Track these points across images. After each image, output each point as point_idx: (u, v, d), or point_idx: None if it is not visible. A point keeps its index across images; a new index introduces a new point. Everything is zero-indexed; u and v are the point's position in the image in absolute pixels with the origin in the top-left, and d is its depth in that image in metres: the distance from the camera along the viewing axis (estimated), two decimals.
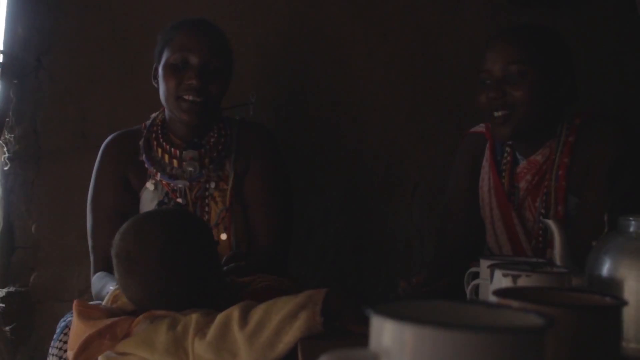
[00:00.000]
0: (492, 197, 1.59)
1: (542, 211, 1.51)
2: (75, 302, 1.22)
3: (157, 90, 1.72)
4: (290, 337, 1.03)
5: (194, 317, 1.09)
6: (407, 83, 2.15)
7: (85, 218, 1.73)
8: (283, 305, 1.06)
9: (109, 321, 1.14)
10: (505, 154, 1.61)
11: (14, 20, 2.07)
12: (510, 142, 1.60)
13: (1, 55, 2.04)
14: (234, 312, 1.07)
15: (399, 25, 2.15)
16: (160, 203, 1.63)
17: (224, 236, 1.63)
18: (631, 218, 0.92)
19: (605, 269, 0.91)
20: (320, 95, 2.15)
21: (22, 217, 2.07)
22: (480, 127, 1.69)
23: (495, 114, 1.49)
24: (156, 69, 1.69)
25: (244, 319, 1.06)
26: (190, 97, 1.61)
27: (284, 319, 1.04)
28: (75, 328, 1.17)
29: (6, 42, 2.07)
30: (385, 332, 0.51)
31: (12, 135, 2.06)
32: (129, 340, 1.11)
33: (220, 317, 1.08)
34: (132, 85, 2.09)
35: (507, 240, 1.56)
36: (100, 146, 1.76)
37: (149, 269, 1.18)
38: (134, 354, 1.11)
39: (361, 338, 0.99)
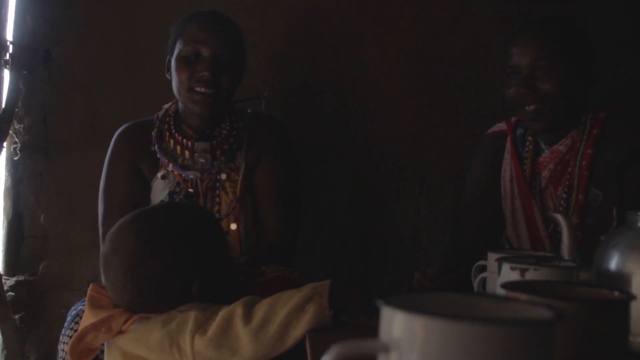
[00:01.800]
0: (514, 187, 1.62)
1: (564, 197, 1.53)
2: (90, 286, 1.22)
3: (166, 81, 1.72)
4: (299, 331, 1.02)
5: (192, 314, 1.07)
6: (416, 78, 2.15)
7: (94, 208, 1.74)
8: (288, 299, 1.05)
9: (105, 313, 1.14)
10: (528, 143, 1.63)
11: (23, 10, 2.08)
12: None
13: (10, 46, 2.05)
14: (237, 308, 1.06)
15: (409, 19, 2.14)
16: (171, 193, 1.65)
17: (233, 226, 1.64)
18: None
19: (614, 263, 0.91)
20: (329, 89, 2.15)
21: (31, 207, 2.08)
22: (499, 127, 1.71)
23: (527, 108, 1.52)
24: (169, 62, 1.69)
25: (247, 315, 1.04)
26: (202, 89, 1.61)
27: (291, 312, 1.03)
28: (84, 314, 1.18)
29: (15, 33, 2.08)
30: (396, 323, 0.51)
31: (22, 126, 2.07)
32: (124, 336, 1.11)
33: (222, 313, 1.06)
34: (141, 76, 2.10)
35: (526, 229, 1.58)
36: (109, 137, 1.77)
37: (116, 279, 1.15)
38: (130, 351, 1.11)
39: (369, 329, 1.00)
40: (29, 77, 2.07)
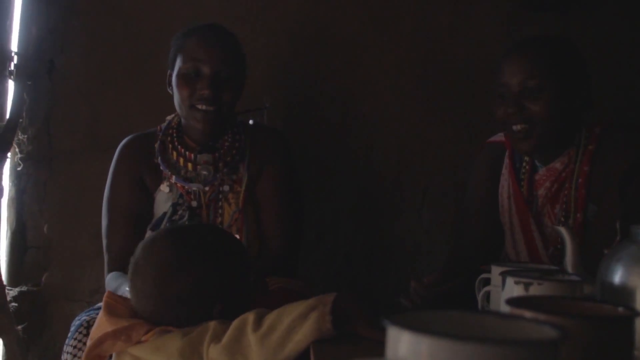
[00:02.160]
0: (512, 204, 1.60)
1: (562, 219, 1.52)
2: (106, 293, 1.24)
3: (168, 91, 1.73)
4: (299, 336, 1.03)
5: (211, 325, 1.09)
6: (417, 87, 2.15)
7: (97, 218, 1.75)
8: (294, 308, 1.07)
9: (126, 322, 1.15)
10: (524, 162, 1.62)
11: (27, 21, 2.09)
12: None
13: (15, 56, 2.06)
14: (250, 316, 1.08)
15: (410, 29, 2.15)
16: (174, 205, 1.66)
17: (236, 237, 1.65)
18: None
19: (617, 277, 0.91)
20: (331, 98, 2.16)
21: (34, 217, 2.09)
22: (499, 137, 1.70)
23: (514, 127, 1.50)
24: (170, 76, 1.71)
25: (258, 323, 1.07)
26: (204, 107, 1.63)
27: (295, 319, 1.05)
28: (99, 319, 1.20)
29: (20, 44, 2.09)
30: (402, 342, 0.51)
31: (25, 136, 2.08)
32: (143, 345, 1.12)
33: (236, 322, 1.08)
34: (144, 86, 2.11)
35: (525, 247, 1.57)
36: (112, 147, 1.78)
37: (144, 286, 1.18)
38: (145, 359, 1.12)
39: (373, 343, 1.00)
40: (33, 88, 2.08)
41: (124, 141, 1.76)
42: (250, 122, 1.82)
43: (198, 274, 1.16)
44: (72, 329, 1.57)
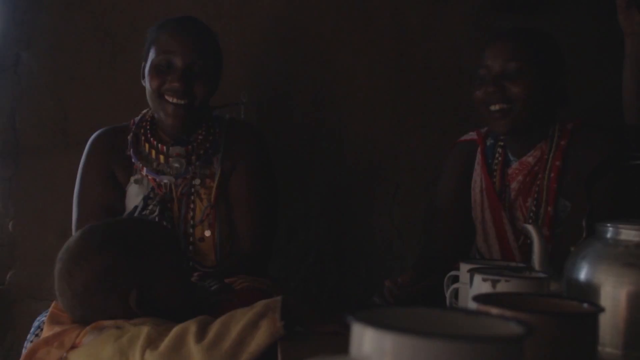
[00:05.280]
0: (484, 198, 1.63)
1: (534, 209, 1.55)
2: (53, 303, 1.21)
3: (138, 87, 1.71)
4: (253, 346, 1.03)
5: (145, 329, 1.08)
6: (390, 84, 2.16)
7: (64, 215, 1.72)
8: (241, 317, 1.07)
9: (60, 329, 1.14)
10: (497, 154, 1.64)
11: None
12: (502, 143, 1.64)
13: None
14: (191, 325, 1.07)
15: (383, 27, 2.16)
16: (145, 198, 1.63)
17: (207, 233, 1.63)
18: (609, 224, 0.94)
19: (583, 274, 0.92)
20: (303, 95, 2.15)
21: None
22: (470, 135, 1.72)
23: (492, 107, 1.54)
24: (143, 68, 1.68)
25: (201, 333, 1.05)
26: (175, 100, 1.61)
27: (245, 329, 1.04)
28: (44, 329, 1.18)
29: None
30: (366, 339, 0.51)
31: None
32: (79, 350, 1.11)
33: (176, 330, 1.07)
34: (114, 81, 2.07)
35: (496, 239, 1.59)
36: (80, 143, 1.75)
37: (56, 284, 1.18)
38: None
39: (337, 338, 1.00)
40: None
41: (94, 134, 1.73)
42: (227, 116, 1.81)
43: (97, 263, 1.15)
44: (32, 329, 1.54)
